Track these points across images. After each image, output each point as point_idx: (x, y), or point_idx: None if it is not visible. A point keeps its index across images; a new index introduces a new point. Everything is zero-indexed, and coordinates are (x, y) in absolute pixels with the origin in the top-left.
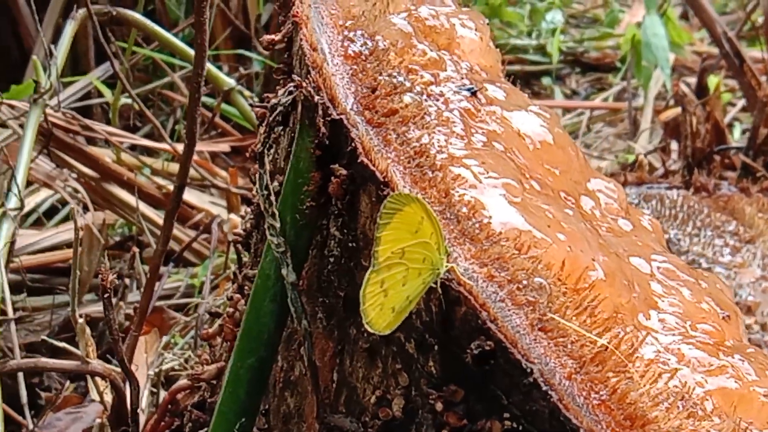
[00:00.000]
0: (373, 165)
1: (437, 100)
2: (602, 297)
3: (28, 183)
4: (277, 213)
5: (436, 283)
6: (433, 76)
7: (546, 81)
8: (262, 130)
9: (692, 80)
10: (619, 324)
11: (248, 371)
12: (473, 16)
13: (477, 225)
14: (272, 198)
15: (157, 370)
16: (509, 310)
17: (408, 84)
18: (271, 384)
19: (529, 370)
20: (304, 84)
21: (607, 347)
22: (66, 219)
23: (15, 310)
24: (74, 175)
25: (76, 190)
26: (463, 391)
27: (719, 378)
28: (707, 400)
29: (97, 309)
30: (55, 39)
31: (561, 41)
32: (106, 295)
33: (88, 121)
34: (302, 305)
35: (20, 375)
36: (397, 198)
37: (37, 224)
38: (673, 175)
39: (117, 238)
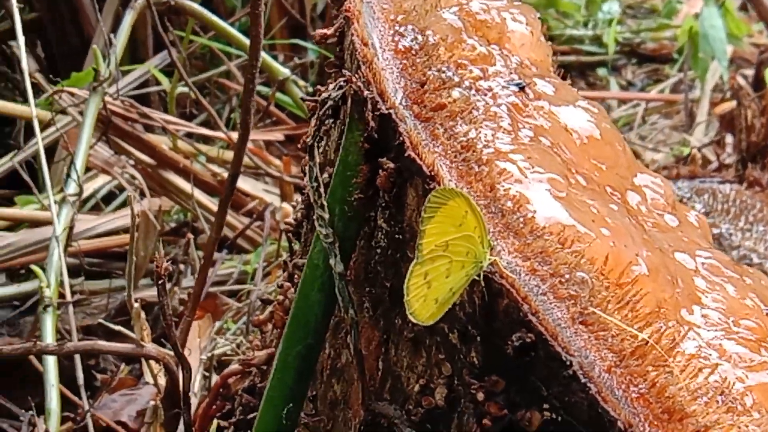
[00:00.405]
0: (420, 159)
1: (485, 95)
2: (645, 292)
3: (87, 169)
4: (326, 204)
5: (479, 275)
6: (482, 71)
7: (601, 72)
8: (313, 122)
9: (751, 72)
10: (662, 319)
11: (296, 358)
12: (524, 11)
13: (521, 219)
14: (321, 189)
15: (209, 354)
16: (551, 304)
17: (457, 79)
18: (318, 371)
19: (568, 363)
20: (354, 79)
21: (648, 341)
22: (123, 205)
23: (73, 293)
24: (132, 162)
25: (133, 177)
26: (504, 382)
27: (760, 374)
28: (747, 395)
29: (152, 293)
30: (115, 28)
31: (617, 32)
32: (160, 282)
33: (145, 109)
34: (349, 295)
35: (77, 357)
36: (442, 192)
37: (95, 209)
38: (727, 169)
39: (173, 224)
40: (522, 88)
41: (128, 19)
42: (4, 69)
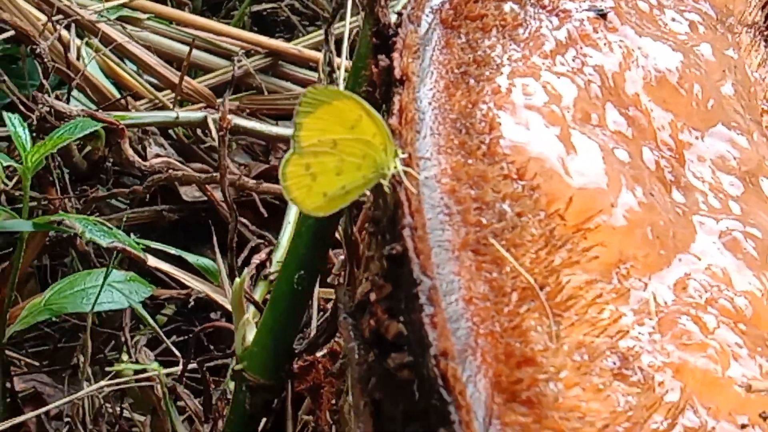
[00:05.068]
0: (401, 61)
1: (556, 15)
2: (604, 242)
3: None
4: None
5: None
6: None
7: None
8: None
9: None
10: (618, 275)
11: (308, 230)
12: None
13: (484, 141)
14: (335, 75)
15: None
16: (449, 225)
17: None
18: None
19: (418, 281)
20: None
21: (537, 287)
22: None
23: None
24: None
25: None
26: (391, 288)
27: (692, 354)
28: (664, 372)
29: None
30: None
31: None
32: (221, 134)
33: None
34: None
35: None
36: (322, 91)
37: None
38: None
39: None
40: (603, 15)
41: None
42: None
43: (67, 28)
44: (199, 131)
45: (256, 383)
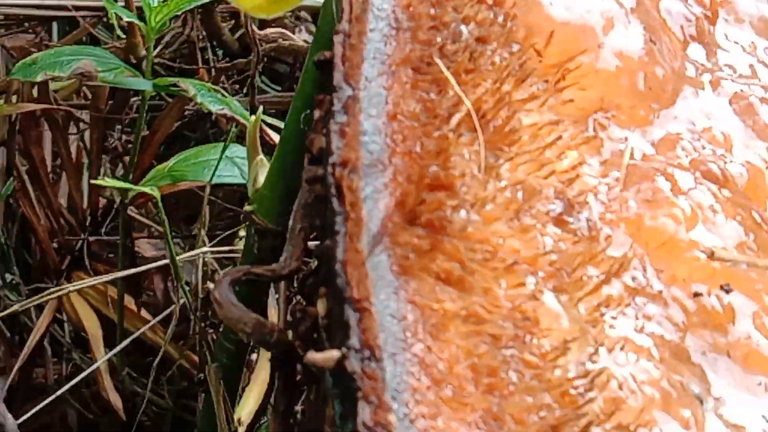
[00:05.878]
0: None
1: None
2: (582, 85)
3: None
4: None
5: None
6: None
7: None
8: None
9: None
10: (594, 122)
11: (314, 66)
12: None
13: None
14: None
15: None
16: (395, 39)
17: None
18: None
19: (337, 88)
20: None
21: (476, 113)
22: None
23: None
24: None
25: None
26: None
27: (653, 211)
28: (616, 226)
29: None
30: None
31: None
32: None
33: None
34: None
35: None
36: None
37: None
38: None
39: None
40: None
41: None
42: None
43: None
44: None
45: (264, 227)
